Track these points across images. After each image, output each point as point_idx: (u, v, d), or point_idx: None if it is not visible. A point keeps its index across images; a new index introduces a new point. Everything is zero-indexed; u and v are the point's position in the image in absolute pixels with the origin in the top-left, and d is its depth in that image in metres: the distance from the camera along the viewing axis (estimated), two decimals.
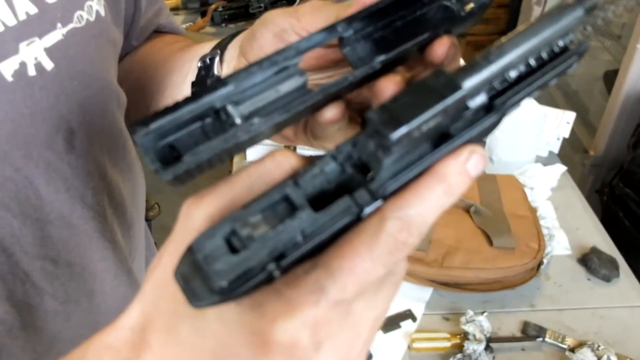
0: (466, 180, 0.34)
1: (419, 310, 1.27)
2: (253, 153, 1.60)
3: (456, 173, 0.34)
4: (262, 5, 2.23)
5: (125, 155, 0.67)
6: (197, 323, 0.32)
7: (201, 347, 0.32)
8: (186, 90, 0.60)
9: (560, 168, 1.66)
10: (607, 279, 1.37)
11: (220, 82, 0.36)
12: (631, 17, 2.04)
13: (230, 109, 0.36)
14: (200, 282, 0.30)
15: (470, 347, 1.16)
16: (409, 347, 1.20)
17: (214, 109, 0.36)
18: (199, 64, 0.57)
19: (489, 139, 1.64)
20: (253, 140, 0.37)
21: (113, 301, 0.65)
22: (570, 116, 1.77)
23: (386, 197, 0.33)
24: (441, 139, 0.35)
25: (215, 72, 0.55)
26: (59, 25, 0.53)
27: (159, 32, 0.79)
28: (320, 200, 0.33)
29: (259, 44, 0.49)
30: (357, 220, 0.33)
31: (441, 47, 0.40)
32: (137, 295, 0.36)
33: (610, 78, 2.21)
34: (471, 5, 0.41)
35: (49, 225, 0.55)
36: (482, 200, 1.43)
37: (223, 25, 2.29)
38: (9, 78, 0.48)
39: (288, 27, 0.46)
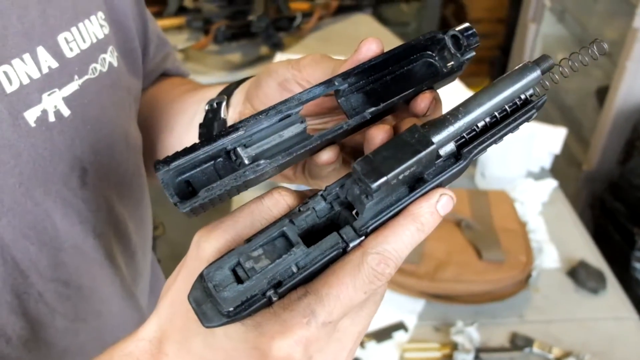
0: (437, 219, 0.41)
1: (411, 322, 1.32)
2: None
3: (428, 213, 0.41)
4: (262, 25, 2.29)
5: (133, 191, 0.72)
6: (207, 338, 0.39)
7: (211, 358, 0.39)
8: (193, 131, 0.65)
9: (551, 183, 1.70)
10: (594, 291, 1.41)
11: (232, 127, 0.43)
12: (621, 35, 2.09)
13: (239, 150, 0.43)
14: (210, 306, 0.37)
15: (459, 357, 1.21)
16: (401, 358, 1.25)
17: (225, 150, 0.43)
18: (207, 107, 0.62)
19: (482, 155, 1.69)
20: (259, 179, 0.43)
21: (118, 321, 0.70)
22: (561, 132, 1.82)
23: (368, 234, 0.40)
24: (416, 182, 0.41)
25: (222, 115, 0.61)
26: (75, 77, 0.59)
27: (165, 74, 0.84)
28: (312, 234, 0.40)
29: (264, 92, 0.54)
30: (343, 252, 0.39)
31: (424, 102, 0.46)
32: (153, 312, 0.43)
33: (602, 94, 2.26)
34: (452, 63, 0.47)
35: (62, 252, 0.61)
36: (472, 215, 1.48)
37: (225, 43, 2.36)
38: (32, 124, 0.54)
39: (290, 78, 0.51)
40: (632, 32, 2.01)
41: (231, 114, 0.61)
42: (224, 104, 0.61)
